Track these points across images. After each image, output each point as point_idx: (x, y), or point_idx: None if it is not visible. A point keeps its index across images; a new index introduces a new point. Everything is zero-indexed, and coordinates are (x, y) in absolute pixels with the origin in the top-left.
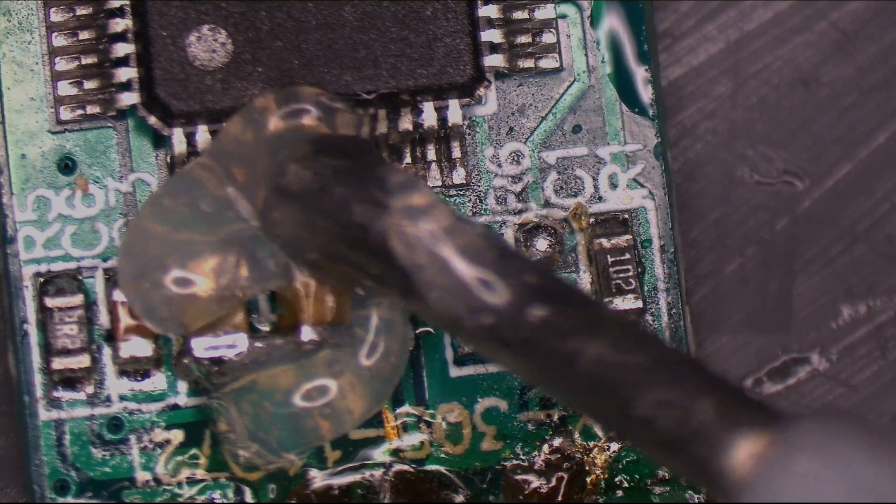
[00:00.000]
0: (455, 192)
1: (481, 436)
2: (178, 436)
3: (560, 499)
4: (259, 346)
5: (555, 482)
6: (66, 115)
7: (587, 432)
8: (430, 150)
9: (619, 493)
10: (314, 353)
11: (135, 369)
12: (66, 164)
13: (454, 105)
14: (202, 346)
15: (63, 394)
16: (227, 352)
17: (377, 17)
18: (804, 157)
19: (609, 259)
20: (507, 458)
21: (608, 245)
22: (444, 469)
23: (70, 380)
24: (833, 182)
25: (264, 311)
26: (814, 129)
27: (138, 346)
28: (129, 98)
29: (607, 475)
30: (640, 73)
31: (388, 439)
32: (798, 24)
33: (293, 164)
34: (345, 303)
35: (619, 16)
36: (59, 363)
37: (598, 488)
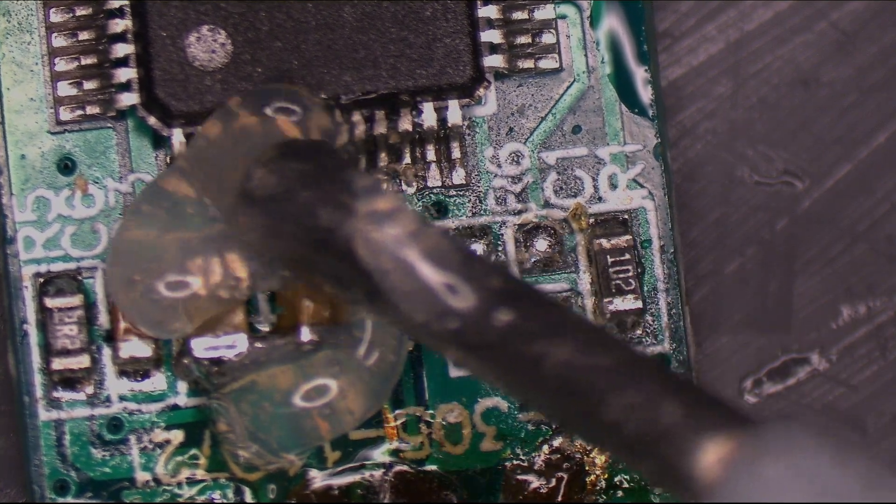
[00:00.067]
0: (455, 193)
1: (481, 436)
2: (177, 436)
3: (560, 499)
4: (259, 346)
5: (555, 482)
6: (65, 115)
7: None
8: (430, 151)
9: (619, 493)
10: (313, 353)
11: (135, 370)
12: (66, 165)
13: (454, 105)
14: (202, 347)
15: (63, 394)
16: (227, 352)
17: (377, 17)
18: (804, 157)
19: (609, 259)
20: (507, 459)
21: (608, 245)
22: (444, 469)
23: (70, 380)
24: (833, 182)
25: (264, 311)
26: (814, 129)
27: (138, 347)
28: (129, 98)
29: (607, 475)
30: (639, 74)
31: (388, 440)
32: (798, 24)
33: (258, 168)
34: (343, 303)
35: (619, 16)
36: (58, 363)
37: (598, 489)
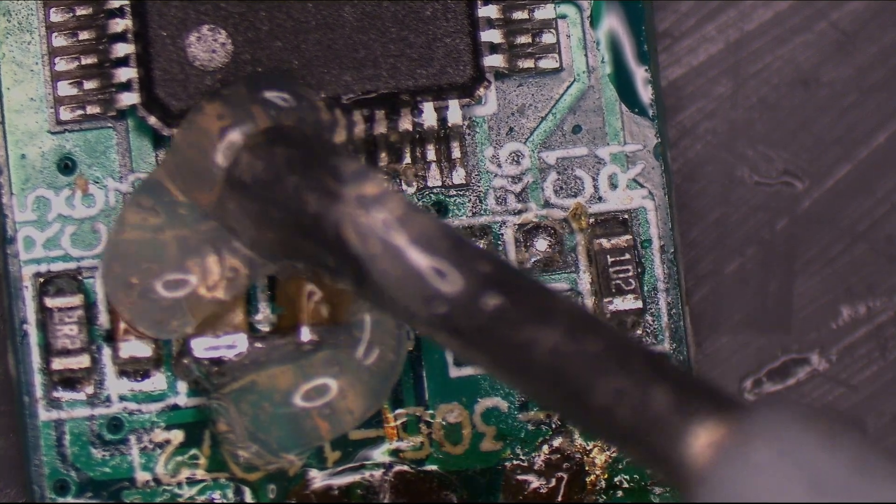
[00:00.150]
0: (455, 193)
1: (481, 436)
2: (177, 436)
3: (560, 499)
4: (259, 346)
5: (555, 482)
6: (65, 115)
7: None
8: (430, 151)
9: (619, 493)
10: (313, 353)
11: (135, 369)
12: (66, 165)
13: (454, 105)
14: (202, 347)
15: (63, 394)
16: (227, 352)
17: (377, 17)
18: (804, 157)
19: (609, 259)
20: (507, 459)
21: (608, 245)
22: (444, 469)
23: (70, 380)
24: (833, 182)
25: (264, 311)
26: (814, 129)
27: (138, 347)
28: (129, 98)
29: (607, 475)
30: (639, 74)
31: (388, 440)
32: (798, 24)
33: (245, 153)
34: (343, 303)
35: (619, 16)
36: (58, 363)
37: (598, 489)
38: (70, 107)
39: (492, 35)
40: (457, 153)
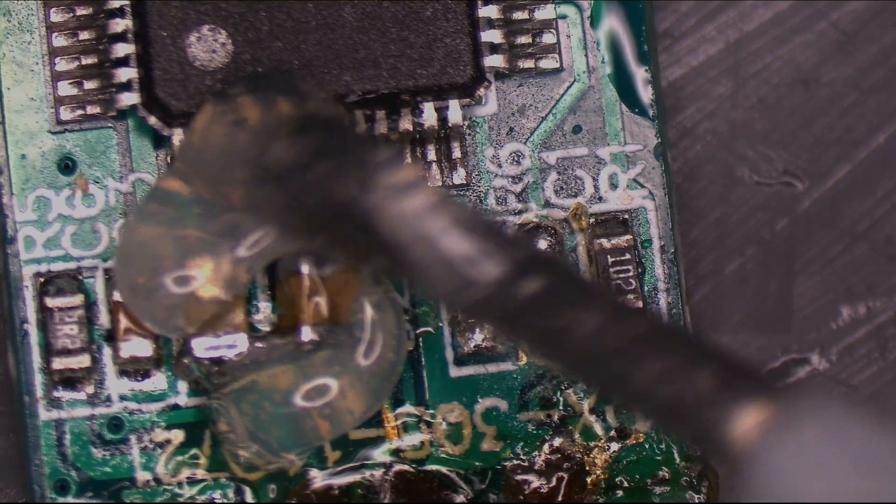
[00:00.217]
0: (455, 193)
1: (481, 436)
2: (178, 436)
3: (560, 499)
4: (259, 346)
5: (555, 482)
6: (66, 115)
7: (587, 432)
8: (431, 151)
9: (619, 493)
10: (314, 353)
11: (135, 369)
12: (67, 165)
13: (454, 105)
14: (202, 347)
15: (63, 394)
16: (228, 352)
17: (377, 17)
18: (804, 157)
19: (609, 259)
20: (507, 458)
21: (608, 245)
22: (445, 469)
23: (70, 380)
24: (833, 182)
25: (264, 311)
26: (814, 129)
27: (138, 346)
28: (129, 98)
29: (607, 475)
30: (640, 74)
31: (389, 439)
32: (798, 24)
33: (276, 143)
34: (343, 303)
35: (619, 16)
36: (59, 363)
37: (598, 488)
38: (70, 107)
39: (492, 35)
40: (457, 153)
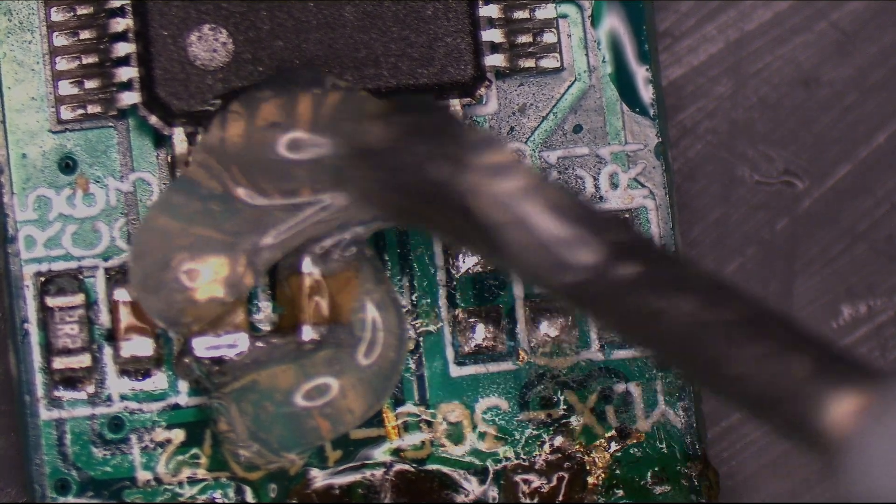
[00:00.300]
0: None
1: (482, 435)
2: (178, 435)
3: (560, 499)
4: (260, 345)
5: (555, 482)
6: (66, 114)
7: (588, 432)
8: None
9: (620, 493)
10: (314, 352)
11: (136, 369)
12: (67, 164)
13: (455, 104)
14: (203, 346)
15: (64, 393)
16: (228, 351)
17: (378, 16)
18: (804, 157)
19: None
20: (507, 458)
21: None
22: (445, 469)
23: (71, 379)
24: (833, 182)
25: (265, 310)
26: (814, 129)
27: (139, 346)
28: (130, 98)
29: (607, 475)
30: (640, 73)
31: (389, 439)
32: (798, 24)
33: (368, 122)
34: (344, 302)
35: (620, 16)
36: (59, 363)
37: (599, 488)
38: (71, 106)
39: (493, 34)
40: None
